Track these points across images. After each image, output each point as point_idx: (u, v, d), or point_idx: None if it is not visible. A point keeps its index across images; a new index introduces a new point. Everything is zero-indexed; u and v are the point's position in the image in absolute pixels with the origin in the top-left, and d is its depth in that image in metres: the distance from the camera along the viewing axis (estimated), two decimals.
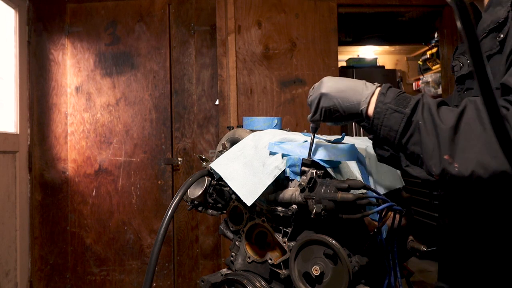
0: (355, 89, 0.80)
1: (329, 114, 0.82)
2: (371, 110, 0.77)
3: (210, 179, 0.99)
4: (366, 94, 0.78)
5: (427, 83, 4.53)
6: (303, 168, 0.85)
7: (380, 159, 0.92)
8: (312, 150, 0.84)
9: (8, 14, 2.50)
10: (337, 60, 2.61)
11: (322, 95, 0.82)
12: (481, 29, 0.82)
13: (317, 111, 0.83)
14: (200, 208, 1.04)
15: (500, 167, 0.62)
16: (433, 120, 0.69)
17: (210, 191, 0.99)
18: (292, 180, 0.88)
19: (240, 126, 1.12)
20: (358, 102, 0.78)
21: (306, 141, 0.90)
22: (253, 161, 0.91)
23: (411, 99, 0.73)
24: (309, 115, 0.86)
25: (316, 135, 0.87)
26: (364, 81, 0.82)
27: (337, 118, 0.82)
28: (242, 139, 1.00)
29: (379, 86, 0.79)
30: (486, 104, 0.42)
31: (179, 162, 2.62)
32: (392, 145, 0.77)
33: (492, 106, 0.42)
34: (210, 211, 1.04)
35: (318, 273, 0.78)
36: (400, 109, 0.73)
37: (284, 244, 0.88)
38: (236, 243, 0.99)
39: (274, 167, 0.87)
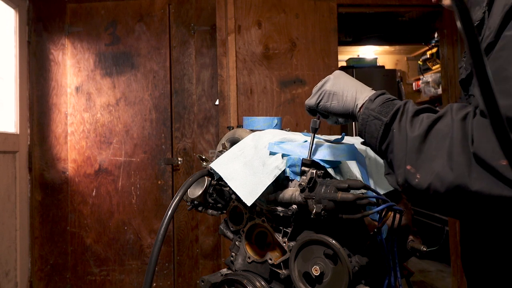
0: (361, 88, 0.80)
1: (328, 99, 0.80)
2: (359, 115, 0.77)
3: (210, 179, 0.99)
4: (364, 97, 0.78)
5: (427, 83, 4.54)
6: (303, 168, 0.85)
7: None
8: (312, 150, 0.84)
9: (8, 14, 2.50)
10: (337, 60, 2.61)
11: (329, 79, 0.82)
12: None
13: (316, 93, 0.82)
14: (200, 208, 1.04)
15: (455, 181, 0.58)
16: (405, 128, 0.67)
17: (210, 191, 0.99)
18: (292, 180, 0.88)
19: (240, 126, 1.12)
20: (357, 98, 0.78)
21: (306, 141, 0.90)
22: (253, 161, 0.91)
23: (394, 106, 0.72)
24: (307, 99, 0.85)
25: (316, 135, 0.87)
26: (372, 88, 0.82)
27: (333, 107, 0.80)
28: (242, 139, 1.00)
29: (380, 94, 0.78)
30: (487, 106, 0.42)
31: (179, 162, 2.62)
32: (375, 152, 0.77)
33: (493, 108, 0.42)
34: (210, 211, 1.04)
35: (318, 273, 0.78)
36: (380, 116, 0.72)
37: (284, 244, 0.88)
38: (236, 243, 0.99)
39: (274, 167, 0.87)
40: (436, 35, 4.02)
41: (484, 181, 0.55)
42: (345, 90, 0.80)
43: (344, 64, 4.36)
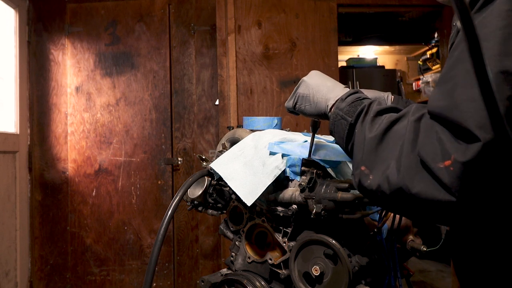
0: (333, 88, 0.80)
1: (301, 102, 0.83)
2: (330, 115, 0.77)
3: (210, 179, 0.99)
4: (334, 96, 0.78)
5: (427, 83, 4.53)
6: (303, 168, 0.85)
7: None
8: (312, 150, 0.84)
9: (8, 14, 2.50)
10: (337, 60, 2.61)
11: (302, 81, 0.85)
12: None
13: (292, 96, 0.86)
14: (200, 208, 1.04)
15: (399, 183, 0.57)
16: (365, 128, 0.66)
17: (210, 191, 0.99)
18: (292, 180, 0.88)
19: (240, 126, 1.13)
20: (328, 99, 0.79)
21: (306, 141, 0.90)
22: (253, 161, 0.91)
23: (361, 106, 0.71)
24: (286, 101, 0.88)
25: (316, 135, 0.87)
26: (346, 86, 0.81)
27: (307, 110, 0.83)
28: (242, 139, 1.00)
29: (353, 93, 0.77)
30: (487, 107, 0.42)
31: (179, 162, 2.62)
32: (344, 151, 0.76)
33: (493, 109, 0.42)
34: (210, 211, 1.04)
35: (318, 273, 0.78)
36: (346, 116, 0.72)
37: (284, 244, 0.88)
38: (236, 243, 0.99)
39: (274, 167, 0.87)
40: (436, 35, 4.02)
41: (424, 183, 0.55)
42: (316, 92, 0.81)
43: (344, 64, 4.36)
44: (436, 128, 0.55)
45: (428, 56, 4.41)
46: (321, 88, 0.81)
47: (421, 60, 4.58)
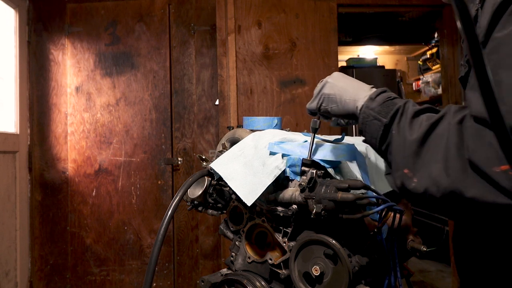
0: (359, 88, 0.80)
1: (327, 103, 0.82)
2: (359, 114, 0.77)
3: (210, 179, 0.99)
4: (363, 96, 0.78)
5: (427, 83, 4.54)
6: (303, 168, 0.85)
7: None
8: (312, 150, 0.84)
9: (8, 14, 2.50)
10: (337, 60, 2.61)
11: (327, 82, 0.84)
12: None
13: (316, 97, 0.84)
14: (200, 208, 1.04)
15: (450, 186, 0.57)
16: (404, 130, 0.67)
17: (210, 191, 0.99)
18: (292, 180, 0.88)
19: (240, 126, 1.12)
20: (356, 100, 0.78)
21: (306, 141, 0.90)
22: (253, 161, 0.91)
23: (394, 106, 0.71)
24: (308, 102, 0.87)
25: (316, 135, 0.87)
26: (372, 86, 0.81)
27: (333, 110, 0.82)
28: (242, 139, 1.00)
29: (381, 92, 0.77)
30: (487, 107, 0.42)
31: (179, 162, 2.62)
32: (376, 151, 0.76)
33: (493, 109, 0.42)
34: (210, 211, 1.04)
35: (318, 273, 0.78)
36: (379, 117, 0.72)
37: (284, 244, 0.88)
38: (236, 243, 0.99)
39: (274, 167, 0.87)
40: (436, 35, 4.02)
41: (479, 187, 0.55)
42: (343, 92, 0.81)
43: (344, 64, 4.36)
44: (485, 132, 0.55)
45: (428, 56, 4.41)
46: (348, 88, 0.81)
47: (421, 60, 4.58)
